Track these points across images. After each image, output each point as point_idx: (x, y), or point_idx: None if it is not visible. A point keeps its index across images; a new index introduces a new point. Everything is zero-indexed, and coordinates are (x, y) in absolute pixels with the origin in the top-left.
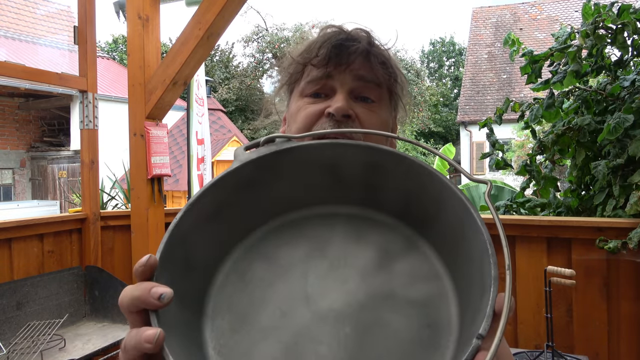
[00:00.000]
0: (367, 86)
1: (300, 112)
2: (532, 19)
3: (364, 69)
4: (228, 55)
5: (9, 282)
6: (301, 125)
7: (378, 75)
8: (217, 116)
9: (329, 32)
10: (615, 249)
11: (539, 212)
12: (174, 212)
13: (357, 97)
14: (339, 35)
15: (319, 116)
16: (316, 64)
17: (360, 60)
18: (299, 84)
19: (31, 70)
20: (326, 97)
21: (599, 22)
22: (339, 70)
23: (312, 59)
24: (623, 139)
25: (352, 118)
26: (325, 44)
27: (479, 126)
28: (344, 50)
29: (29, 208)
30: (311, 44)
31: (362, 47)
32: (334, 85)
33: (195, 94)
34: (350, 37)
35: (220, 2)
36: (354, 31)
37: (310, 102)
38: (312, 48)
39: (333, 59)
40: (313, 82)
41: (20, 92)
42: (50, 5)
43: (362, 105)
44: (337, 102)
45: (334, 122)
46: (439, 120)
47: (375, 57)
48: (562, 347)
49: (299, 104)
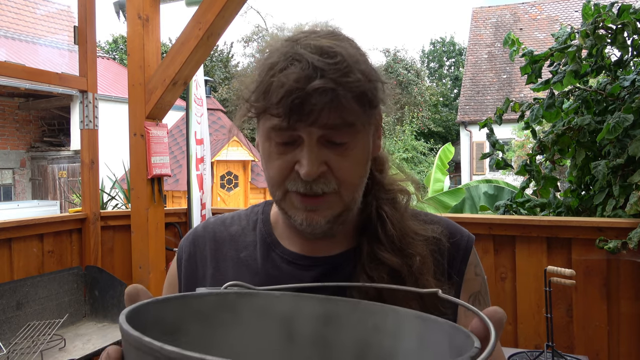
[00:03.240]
0: (338, 132)
1: (271, 158)
2: (532, 19)
3: (333, 117)
4: (227, 55)
5: (9, 282)
6: (275, 180)
7: (351, 116)
8: (217, 116)
9: (289, 78)
10: (615, 249)
11: (538, 212)
12: (173, 212)
13: (328, 140)
14: (297, 90)
15: (290, 170)
16: (276, 115)
17: (326, 110)
18: (261, 119)
19: (31, 70)
20: (294, 144)
21: (599, 22)
22: (304, 123)
23: (270, 107)
24: (623, 139)
25: (323, 173)
26: (284, 99)
27: (479, 126)
28: (306, 105)
29: (29, 208)
30: (266, 88)
31: (328, 99)
32: (300, 134)
33: (194, 93)
34: (312, 94)
35: (220, 2)
36: (317, 84)
37: (279, 152)
38: (269, 94)
39: (295, 112)
40: (276, 131)
41: (20, 92)
42: (50, 5)
43: (334, 151)
44: (305, 165)
45: (305, 184)
46: (439, 120)
47: (346, 98)
48: (562, 347)
49: (268, 147)
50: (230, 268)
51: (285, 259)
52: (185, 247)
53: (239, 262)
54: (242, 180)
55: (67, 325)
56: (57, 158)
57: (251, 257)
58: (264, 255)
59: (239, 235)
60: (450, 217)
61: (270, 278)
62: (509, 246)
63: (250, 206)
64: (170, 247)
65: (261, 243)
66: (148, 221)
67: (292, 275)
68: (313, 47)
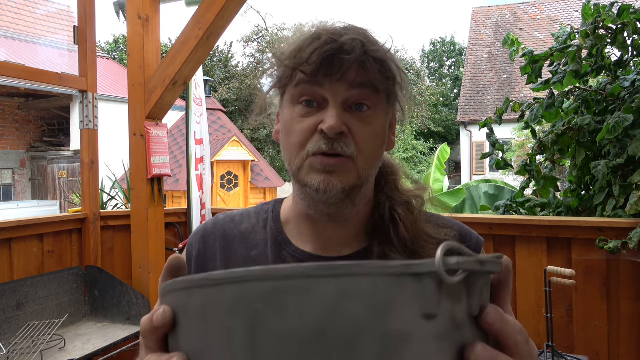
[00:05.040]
0: (362, 93)
1: (293, 124)
2: (532, 19)
3: (360, 76)
4: (227, 55)
5: (9, 282)
6: (296, 145)
7: (375, 80)
8: (217, 116)
9: (321, 37)
10: (615, 249)
11: (538, 212)
12: (173, 212)
13: (351, 106)
14: (331, 42)
15: (312, 132)
16: (306, 71)
17: (354, 68)
18: (289, 87)
19: (31, 70)
20: (319, 107)
21: (599, 22)
22: (331, 80)
23: (302, 64)
24: (623, 139)
25: (345, 134)
26: (317, 51)
27: (479, 126)
28: (336, 59)
29: (29, 208)
30: (301, 47)
31: (357, 55)
32: (326, 95)
33: (194, 93)
34: (343, 46)
35: (220, 2)
36: (347, 39)
37: (303, 115)
38: (301, 52)
39: (325, 67)
40: (304, 90)
41: (20, 92)
42: (50, 5)
43: (356, 117)
44: (329, 120)
45: (327, 141)
46: (439, 120)
47: (371, 61)
48: (562, 347)
49: (291, 114)
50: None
51: (297, 258)
52: (195, 244)
53: (249, 261)
54: (242, 180)
55: (67, 325)
56: (57, 158)
57: (262, 255)
58: (275, 254)
59: (250, 233)
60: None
61: None
62: (509, 246)
63: (259, 204)
64: (170, 247)
65: (272, 241)
66: (148, 221)
67: None
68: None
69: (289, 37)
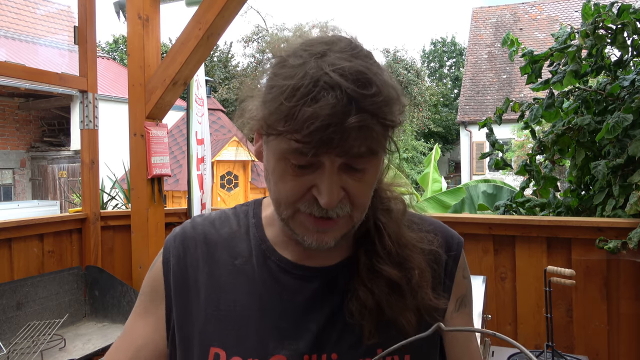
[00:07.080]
0: (359, 160)
1: (283, 177)
2: (532, 19)
3: (361, 146)
4: (227, 55)
5: (9, 282)
6: (286, 200)
7: (377, 146)
8: (217, 116)
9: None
10: (615, 249)
11: (538, 212)
12: (173, 212)
13: (347, 167)
14: (332, 113)
15: (304, 193)
16: (302, 142)
17: (353, 134)
18: (277, 139)
19: (31, 70)
20: (311, 168)
21: (599, 22)
22: (330, 153)
23: (296, 134)
24: (623, 139)
25: (340, 200)
26: (319, 129)
27: (479, 126)
28: (339, 136)
29: (29, 208)
30: (289, 109)
31: (363, 128)
32: (322, 161)
33: (195, 94)
34: (347, 113)
35: (220, 2)
36: (352, 93)
37: (295, 174)
38: (293, 118)
39: (325, 143)
40: (296, 155)
41: (20, 92)
42: (50, 5)
43: (352, 177)
44: (326, 196)
45: (322, 209)
46: (439, 120)
47: (378, 126)
48: (562, 347)
49: (280, 166)
50: (225, 274)
51: (282, 268)
52: (173, 249)
53: (234, 269)
54: (242, 180)
55: (67, 325)
56: (57, 158)
57: (247, 264)
58: (260, 263)
59: (232, 239)
60: (450, 218)
61: (268, 287)
62: (508, 246)
63: (235, 205)
64: None
65: (256, 251)
66: (148, 221)
67: (290, 286)
68: (344, 71)
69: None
